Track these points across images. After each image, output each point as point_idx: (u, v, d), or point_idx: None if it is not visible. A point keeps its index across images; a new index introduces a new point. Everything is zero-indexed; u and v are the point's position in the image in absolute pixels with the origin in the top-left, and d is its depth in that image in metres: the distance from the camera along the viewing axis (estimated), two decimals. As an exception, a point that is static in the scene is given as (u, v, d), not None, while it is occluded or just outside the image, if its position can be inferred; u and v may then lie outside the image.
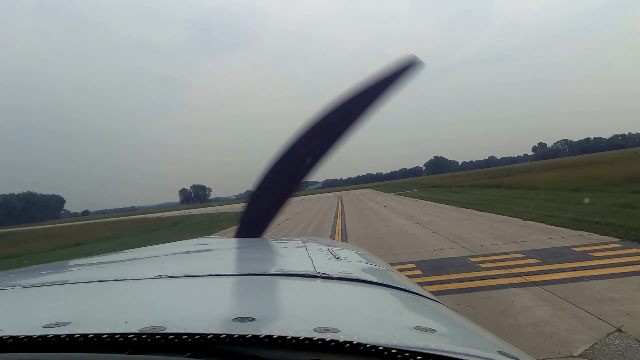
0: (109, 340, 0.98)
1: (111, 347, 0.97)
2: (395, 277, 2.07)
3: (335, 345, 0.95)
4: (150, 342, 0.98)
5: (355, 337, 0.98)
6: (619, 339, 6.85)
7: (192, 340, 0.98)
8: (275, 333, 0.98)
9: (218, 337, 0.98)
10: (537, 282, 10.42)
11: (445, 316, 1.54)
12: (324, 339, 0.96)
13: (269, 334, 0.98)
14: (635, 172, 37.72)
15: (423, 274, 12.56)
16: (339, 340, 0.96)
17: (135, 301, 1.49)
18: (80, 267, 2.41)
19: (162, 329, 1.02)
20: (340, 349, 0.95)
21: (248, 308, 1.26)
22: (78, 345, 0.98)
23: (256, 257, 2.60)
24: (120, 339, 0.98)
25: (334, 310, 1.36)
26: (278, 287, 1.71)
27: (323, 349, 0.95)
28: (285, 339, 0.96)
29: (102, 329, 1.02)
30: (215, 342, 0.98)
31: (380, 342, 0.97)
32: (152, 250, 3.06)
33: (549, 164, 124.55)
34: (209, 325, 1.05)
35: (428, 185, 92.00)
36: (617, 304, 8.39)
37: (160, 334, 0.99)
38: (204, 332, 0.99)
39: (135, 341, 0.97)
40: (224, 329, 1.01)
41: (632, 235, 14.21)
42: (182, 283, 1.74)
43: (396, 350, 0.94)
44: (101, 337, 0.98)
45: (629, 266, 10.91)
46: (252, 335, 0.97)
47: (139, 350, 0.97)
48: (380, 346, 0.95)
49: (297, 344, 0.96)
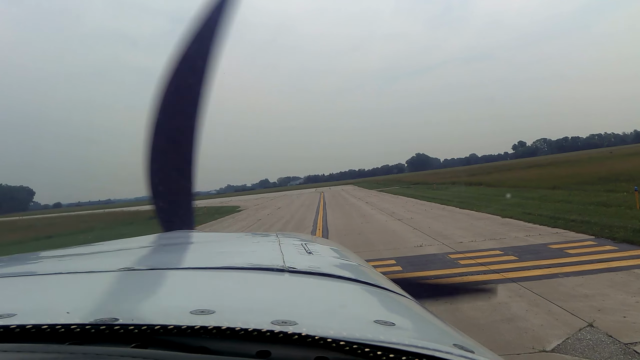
0: (50, 331, 0.96)
1: (54, 339, 0.96)
2: (366, 272, 2.08)
3: (284, 337, 0.96)
4: (95, 333, 0.97)
5: (304, 329, 0.99)
6: (590, 334, 7.07)
7: (139, 331, 0.97)
8: (224, 324, 0.98)
9: (166, 328, 0.98)
10: (514, 278, 10.65)
11: (408, 310, 1.57)
12: (273, 330, 0.97)
13: (217, 325, 0.98)
14: (609, 172, 38.50)
15: (403, 269, 12.73)
16: (288, 332, 0.97)
17: (93, 293, 1.45)
18: (44, 260, 2.35)
19: (115, 321, 1.01)
20: (290, 340, 0.96)
21: (209, 301, 1.26)
22: (19, 338, 0.97)
23: (226, 251, 2.60)
24: (62, 330, 0.97)
25: (296, 304, 1.38)
26: (244, 280, 1.71)
27: (273, 340, 0.96)
28: (234, 330, 0.97)
29: (47, 320, 1.01)
30: (163, 333, 0.98)
31: (330, 334, 0.98)
32: (122, 243, 2.99)
33: (528, 162, 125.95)
34: (165, 318, 1.04)
35: (410, 182, 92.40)
36: (590, 300, 8.64)
37: (105, 324, 0.98)
38: (151, 323, 0.99)
39: (78, 332, 0.97)
40: (180, 321, 1.01)
41: (606, 233, 14.56)
42: (145, 276, 1.72)
43: (344, 342, 0.95)
44: (40, 328, 0.97)
45: (602, 263, 11.21)
46: (200, 327, 0.98)
47: (84, 341, 0.96)
48: (329, 338, 0.96)
49: (246, 335, 0.97)
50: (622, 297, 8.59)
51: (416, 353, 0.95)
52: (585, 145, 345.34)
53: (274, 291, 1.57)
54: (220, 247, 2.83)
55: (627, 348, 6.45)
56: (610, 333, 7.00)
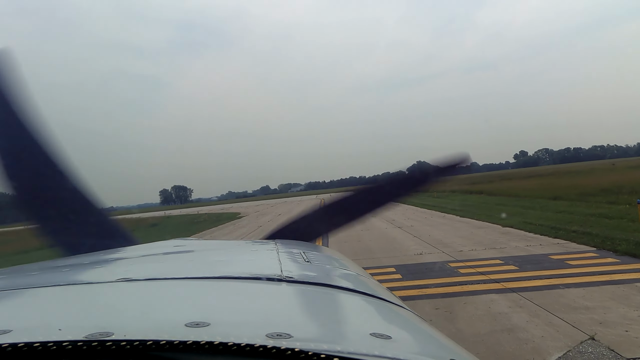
0: (42, 349, 0.93)
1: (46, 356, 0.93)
2: (365, 282, 2.06)
3: (277, 352, 0.95)
4: (87, 349, 0.94)
5: (297, 344, 0.98)
6: (591, 347, 6.98)
7: (132, 347, 0.95)
8: (222, 339, 0.97)
9: (158, 344, 0.96)
10: (515, 288, 10.56)
11: (406, 322, 1.55)
12: (266, 345, 0.96)
13: (210, 340, 0.96)
14: (612, 183, 38.34)
15: (402, 278, 12.64)
16: (281, 347, 0.95)
17: (87, 306, 1.45)
18: (42, 271, 2.29)
19: (108, 335, 1.00)
20: (282, 355, 0.94)
21: (205, 312, 1.25)
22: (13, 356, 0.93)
23: (224, 260, 2.59)
24: (53, 347, 0.94)
25: (292, 315, 1.37)
26: (240, 291, 1.69)
27: (266, 355, 0.95)
28: (226, 345, 0.96)
29: (40, 337, 0.98)
30: (156, 349, 0.96)
31: (323, 349, 0.97)
32: (124, 251, 2.98)
33: (530, 172, 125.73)
34: (160, 331, 1.03)
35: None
36: (591, 312, 8.54)
37: (97, 341, 0.96)
38: (143, 339, 0.97)
39: (70, 349, 0.94)
40: (174, 334, 1.00)
41: (608, 245, 14.45)
42: (143, 287, 1.70)
43: (338, 358, 0.94)
44: (32, 346, 0.93)
45: (603, 275, 11.10)
46: (192, 342, 0.96)
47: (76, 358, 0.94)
48: (322, 353, 0.94)
49: (239, 350, 0.95)
50: (624, 311, 8.49)
51: None
52: (587, 156, 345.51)
53: (270, 302, 1.56)
54: (218, 256, 2.81)
55: (629, 362, 6.34)
56: (612, 347, 6.91)
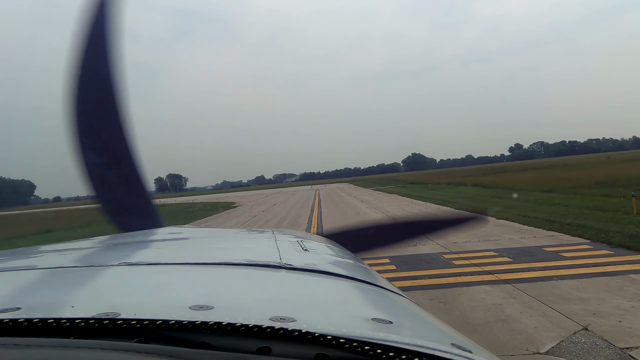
0: (55, 325, 0.97)
1: (59, 332, 0.96)
2: (362, 270, 2.07)
3: (284, 333, 0.96)
4: (98, 327, 0.97)
5: (304, 326, 0.98)
6: (585, 337, 7.00)
7: (142, 326, 0.98)
8: (227, 321, 0.98)
9: (167, 323, 0.98)
10: (509, 280, 10.59)
11: (405, 309, 1.56)
12: (273, 327, 0.97)
13: (218, 321, 0.98)
14: (607, 176, 38.57)
15: (397, 268, 12.66)
16: (288, 328, 0.96)
17: (93, 288, 1.48)
18: (43, 254, 2.35)
19: (116, 315, 1.02)
20: (290, 337, 0.95)
21: (208, 296, 1.26)
22: (25, 331, 0.96)
23: (223, 247, 2.60)
24: (67, 324, 0.97)
25: (294, 301, 1.38)
26: (241, 276, 1.71)
27: (273, 337, 0.96)
28: (234, 326, 0.97)
29: (52, 314, 1.01)
30: (165, 328, 0.98)
31: (330, 332, 0.98)
32: (121, 237, 3.01)
33: (525, 165, 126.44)
34: (165, 313, 1.05)
35: (405, 182, 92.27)
36: (585, 303, 8.58)
37: (108, 319, 0.99)
38: (153, 318, 0.99)
39: (82, 326, 0.97)
40: (179, 316, 1.01)
41: (602, 238, 14.52)
42: (144, 271, 1.72)
43: (344, 340, 0.94)
44: (47, 322, 0.97)
45: (597, 267, 11.15)
46: (201, 322, 0.98)
47: (87, 335, 0.96)
48: (329, 335, 0.95)
49: (247, 331, 0.97)
50: (617, 302, 8.52)
51: (415, 352, 0.94)
52: (583, 149, 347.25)
53: (271, 288, 1.57)
54: (217, 243, 2.83)
55: (623, 353, 6.37)
56: (605, 337, 6.94)
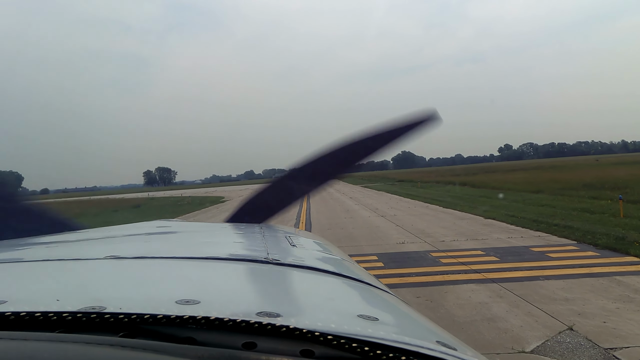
0: (42, 318, 0.96)
1: (45, 326, 0.95)
2: (349, 267, 2.07)
3: (272, 328, 0.95)
4: (85, 321, 0.96)
5: (291, 322, 0.98)
6: (570, 337, 7.03)
7: (128, 320, 0.97)
8: (213, 315, 0.97)
9: (155, 318, 0.97)
10: (495, 279, 10.62)
11: (391, 306, 1.56)
12: (261, 322, 0.96)
13: (205, 316, 0.97)
14: (595, 179, 38.87)
15: (385, 266, 12.66)
16: (275, 324, 0.96)
17: (80, 281, 1.46)
18: (30, 246, 2.34)
19: (102, 309, 1.00)
20: (277, 332, 0.95)
21: (194, 291, 1.25)
22: (11, 324, 0.95)
23: (211, 241, 2.59)
24: (53, 317, 0.96)
25: (280, 296, 1.38)
26: (228, 271, 1.70)
27: (259, 332, 0.95)
28: (220, 321, 0.96)
29: (38, 307, 1.00)
30: (152, 323, 0.97)
31: (316, 327, 0.97)
32: (108, 231, 2.99)
33: (514, 166, 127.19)
34: (151, 307, 1.04)
35: (394, 179, 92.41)
36: (570, 303, 8.62)
37: (95, 313, 0.98)
38: (140, 312, 0.98)
39: (68, 320, 0.96)
40: (165, 311, 1.00)
41: (589, 239, 14.59)
42: (131, 264, 1.72)
43: (331, 336, 0.94)
44: (33, 316, 0.96)
45: (583, 268, 11.20)
46: (188, 316, 0.97)
47: (73, 329, 0.95)
48: (316, 331, 0.95)
49: (233, 326, 0.95)
50: (602, 303, 8.56)
51: (401, 349, 0.94)
52: (571, 151, 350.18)
53: (258, 283, 1.59)
54: (204, 237, 2.81)
55: (607, 353, 6.40)
56: (590, 337, 6.96)
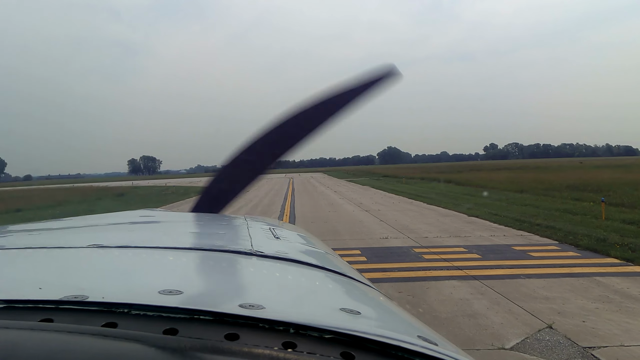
0: (24, 307, 0.96)
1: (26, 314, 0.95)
2: (332, 260, 2.07)
3: (254, 320, 0.96)
4: (66, 309, 0.96)
5: (273, 314, 0.99)
6: (549, 335, 7.08)
7: (111, 309, 0.97)
8: (196, 306, 0.98)
9: (137, 307, 0.97)
10: (477, 276, 10.67)
11: (374, 300, 1.57)
12: (244, 314, 0.97)
13: (187, 307, 0.97)
14: (578, 181, 39.30)
15: (367, 260, 12.66)
16: (257, 316, 0.96)
17: (62, 269, 1.46)
18: (12, 234, 2.32)
19: (85, 298, 1.00)
20: (258, 324, 0.95)
21: (177, 281, 1.25)
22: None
23: (195, 232, 2.60)
24: (34, 306, 0.97)
25: (263, 288, 1.38)
26: (212, 262, 1.71)
27: (242, 324, 0.95)
28: (203, 312, 0.97)
29: (19, 295, 1.01)
30: (134, 312, 0.97)
31: (300, 320, 0.97)
32: (91, 219, 2.98)
33: (499, 165, 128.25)
34: (134, 297, 1.04)
35: (380, 175, 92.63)
36: (550, 302, 8.68)
37: (78, 302, 0.98)
38: (123, 302, 0.99)
39: (50, 308, 0.96)
40: (147, 301, 1.00)
41: (570, 239, 14.74)
42: (114, 253, 1.71)
43: (313, 329, 0.95)
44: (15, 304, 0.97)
45: (564, 268, 11.31)
46: (171, 307, 0.97)
47: (55, 317, 0.94)
48: (299, 324, 0.95)
49: (217, 317, 0.96)
50: (582, 302, 8.64)
51: (382, 342, 0.94)
52: (556, 153, 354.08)
53: (242, 274, 1.60)
54: (188, 228, 2.82)
55: (585, 352, 6.45)
56: (568, 336, 7.02)
